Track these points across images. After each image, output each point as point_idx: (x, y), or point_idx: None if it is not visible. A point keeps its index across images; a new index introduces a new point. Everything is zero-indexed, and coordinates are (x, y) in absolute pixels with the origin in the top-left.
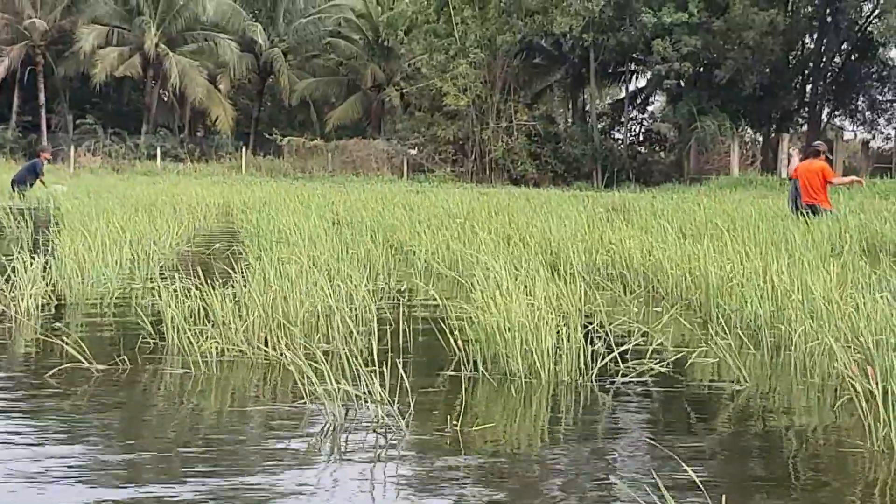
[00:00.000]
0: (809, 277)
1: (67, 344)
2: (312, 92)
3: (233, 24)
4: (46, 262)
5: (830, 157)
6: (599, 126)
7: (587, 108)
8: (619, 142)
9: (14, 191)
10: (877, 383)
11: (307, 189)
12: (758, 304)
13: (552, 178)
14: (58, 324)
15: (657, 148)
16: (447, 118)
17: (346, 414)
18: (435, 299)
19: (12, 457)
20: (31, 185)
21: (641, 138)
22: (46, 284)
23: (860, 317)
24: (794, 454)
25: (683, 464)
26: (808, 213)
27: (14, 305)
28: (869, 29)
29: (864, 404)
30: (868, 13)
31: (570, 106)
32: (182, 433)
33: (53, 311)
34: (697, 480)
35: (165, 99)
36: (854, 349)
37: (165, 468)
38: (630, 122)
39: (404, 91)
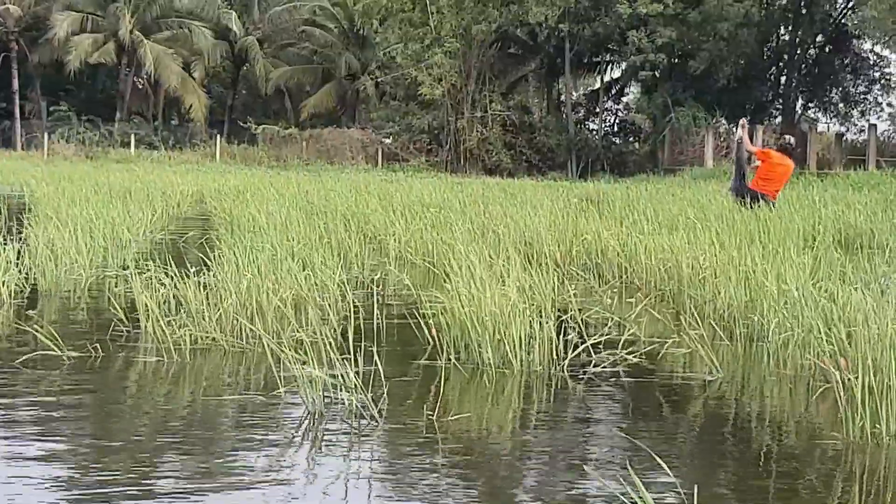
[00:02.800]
0: (783, 268)
1: (39, 332)
2: (287, 80)
3: (207, 11)
4: (19, 250)
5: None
6: (574, 116)
7: (562, 98)
8: (594, 132)
9: None
10: (849, 375)
11: (281, 178)
12: (731, 294)
13: (527, 169)
14: (30, 311)
15: (632, 139)
16: (422, 108)
17: (321, 403)
18: (408, 288)
19: None
20: None
21: (616, 129)
22: (19, 272)
23: (834, 308)
24: (767, 445)
25: (654, 454)
26: (749, 199)
27: None
28: (843, 21)
29: (841, 395)
30: (842, 5)
31: (545, 96)
32: (155, 422)
33: (26, 298)
34: (669, 471)
35: (140, 86)
36: (828, 340)
37: (138, 458)
38: (605, 113)
39: (379, 80)
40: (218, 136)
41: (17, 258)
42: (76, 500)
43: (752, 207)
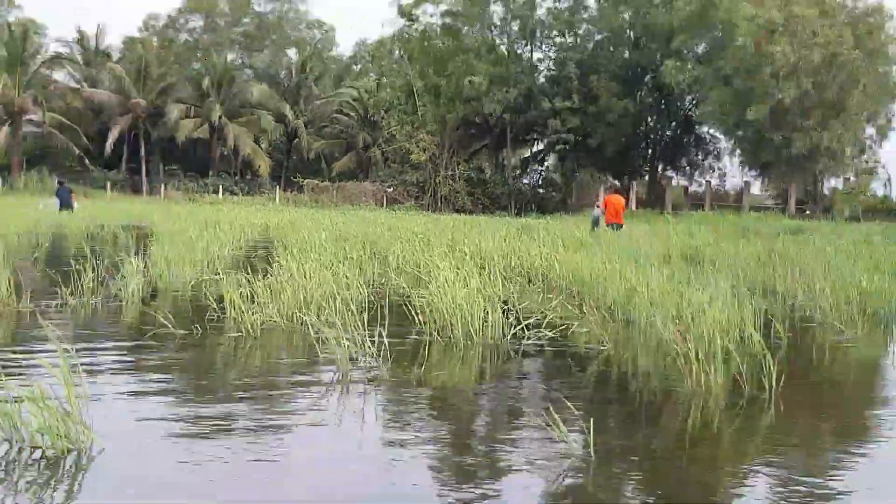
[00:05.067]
0: (649, 275)
1: (160, 315)
2: (323, 149)
3: (270, 103)
4: (145, 263)
5: (623, 193)
6: (512, 175)
7: (505, 163)
8: (526, 185)
9: (60, 209)
10: (689, 346)
11: (319, 215)
12: (615, 293)
13: (482, 209)
14: (153, 303)
15: (551, 190)
16: (413, 168)
17: (347, 364)
18: (403, 288)
19: (122, 390)
20: (67, 204)
21: (540, 183)
22: (144, 277)
23: (683, 303)
24: (639, 392)
25: (565, 399)
26: (613, 228)
27: (122, 290)
28: (690, 113)
29: (685, 359)
30: (689, 102)
31: (494, 161)
32: (237, 376)
33: (150, 294)
34: (574, 409)
35: (225, 153)
36: (677, 323)
37: (226, 399)
38: (533, 172)
39: (384, 150)
40: (277, 187)
41: (144, 268)
42: (191, 427)
43: (616, 231)
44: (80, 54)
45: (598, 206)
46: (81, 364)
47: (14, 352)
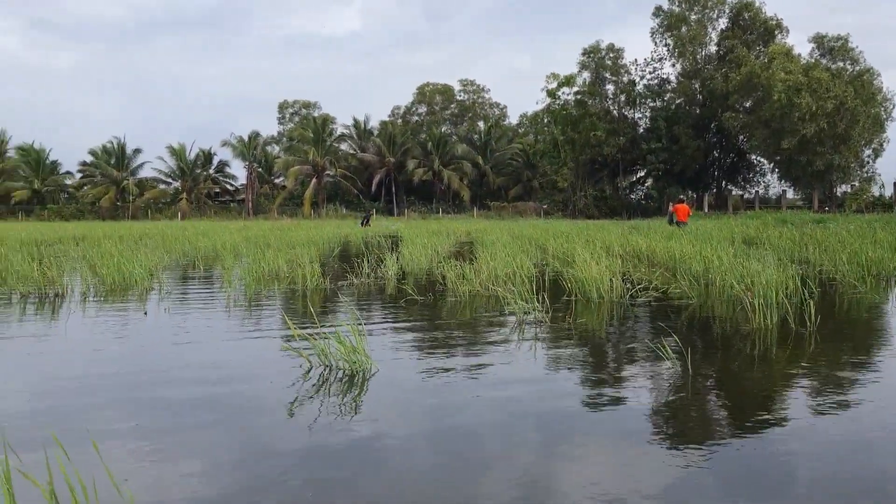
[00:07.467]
0: (720, 253)
1: (407, 288)
2: (502, 183)
3: (469, 156)
4: (397, 256)
5: (685, 202)
6: (624, 193)
7: (619, 184)
8: (633, 199)
9: (362, 225)
10: (753, 299)
11: (501, 224)
12: (697, 265)
13: (605, 216)
14: (403, 280)
15: (650, 201)
16: (559, 192)
17: (522, 316)
18: (557, 268)
19: (387, 333)
20: (367, 223)
21: (643, 197)
22: (397, 265)
23: (745, 270)
24: (720, 329)
25: (671, 333)
26: (682, 226)
27: (384, 273)
28: (742, 146)
29: (749, 307)
30: (741, 139)
31: (612, 185)
32: (453, 320)
33: (401, 275)
34: (677, 340)
35: (442, 188)
36: (742, 284)
37: (448, 337)
38: (638, 190)
39: (540, 181)
40: (475, 208)
41: (396, 260)
42: (429, 353)
43: (679, 227)
44: (355, 133)
45: (671, 210)
46: (363, 318)
47: (323, 312)
